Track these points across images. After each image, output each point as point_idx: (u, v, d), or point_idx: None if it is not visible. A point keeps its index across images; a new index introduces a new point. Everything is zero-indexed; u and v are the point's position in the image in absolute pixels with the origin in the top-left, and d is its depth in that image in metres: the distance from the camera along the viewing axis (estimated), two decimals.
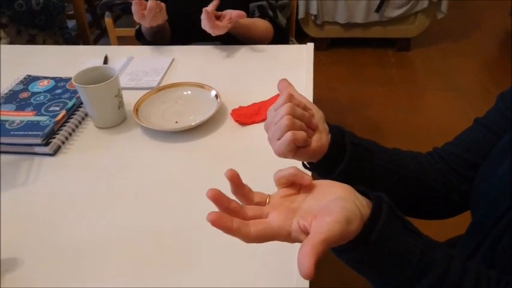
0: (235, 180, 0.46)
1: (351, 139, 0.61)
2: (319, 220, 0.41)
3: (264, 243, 0.44)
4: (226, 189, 0.46)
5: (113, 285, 0.64)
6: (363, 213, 0.44)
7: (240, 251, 0.67)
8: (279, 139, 0.55)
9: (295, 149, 0.55)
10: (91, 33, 2.10)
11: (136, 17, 1.18)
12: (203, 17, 1.14)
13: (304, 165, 0.65)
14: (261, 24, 1.33)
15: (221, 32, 1.16)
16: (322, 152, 0.58)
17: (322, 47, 2.94)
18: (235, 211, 0.45)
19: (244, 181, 0.48)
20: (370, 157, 0.63)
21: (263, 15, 1.36)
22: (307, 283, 0.62)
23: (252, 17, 1.34)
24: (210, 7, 1.13)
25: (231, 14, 1.17)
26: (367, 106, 2.43)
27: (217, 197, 0.44)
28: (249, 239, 0.43)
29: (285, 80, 0.61)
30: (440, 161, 0.70)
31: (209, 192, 0.43)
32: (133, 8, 1.15)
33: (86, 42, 2.04)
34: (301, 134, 0.54)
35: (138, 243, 0.70)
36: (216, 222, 0.41)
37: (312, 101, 0.65)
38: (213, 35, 1.17)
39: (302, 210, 0.45)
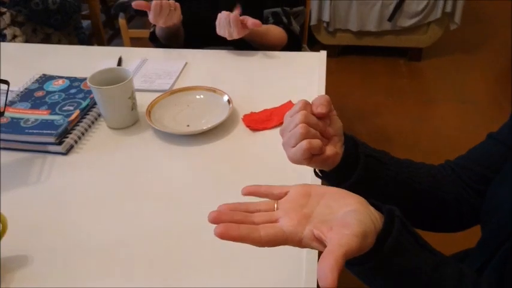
0: (254, 194, 0.50)
1: (364, 150, 0.61)
2: (337, 232, 0.41)
3: None
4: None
5: (122, 285, 0.64)
6: (377, 227, 0.44)
7: (248, 252, 0.67)
8: (293, 146, 0.55)
9: (310, 157, 0.55)
10: (104, 34, 2.12)
11: (151, 18, 1.18)
12: (222, 21, 1.15)
13: (315, 173, 0.65)
14: (275, 31, 1.33)
15: (237, 37, 1.17)
16: (335, 161, 0.59)
17: (333, 54, 2.94)
18: (241, 222, 0.45)
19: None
20: (383, 168, 0.63)
21: (277, 22, 1.36)
22: (315, 284, 0.63)
23: (266, 23, 1.35)
24: (236, 12, 1.14)
25: (247, 21, 1.17)
26: (376, 115, 2.43)
27: (218, 220, 0.44)
28: (260, 243, 0.43)
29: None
30: (452, 174, 0.70)
31: (210, 218, 0.44)
32: (153, 3, 1.16)
33: (99, 42, 2.05)
34: (317, 143, 0.54)
35: (148, 243, 0.71)
36: (223, 235, 0.42)
37: None
38: (229, 39, 1.17)
39: (315, 218, 0.45)
